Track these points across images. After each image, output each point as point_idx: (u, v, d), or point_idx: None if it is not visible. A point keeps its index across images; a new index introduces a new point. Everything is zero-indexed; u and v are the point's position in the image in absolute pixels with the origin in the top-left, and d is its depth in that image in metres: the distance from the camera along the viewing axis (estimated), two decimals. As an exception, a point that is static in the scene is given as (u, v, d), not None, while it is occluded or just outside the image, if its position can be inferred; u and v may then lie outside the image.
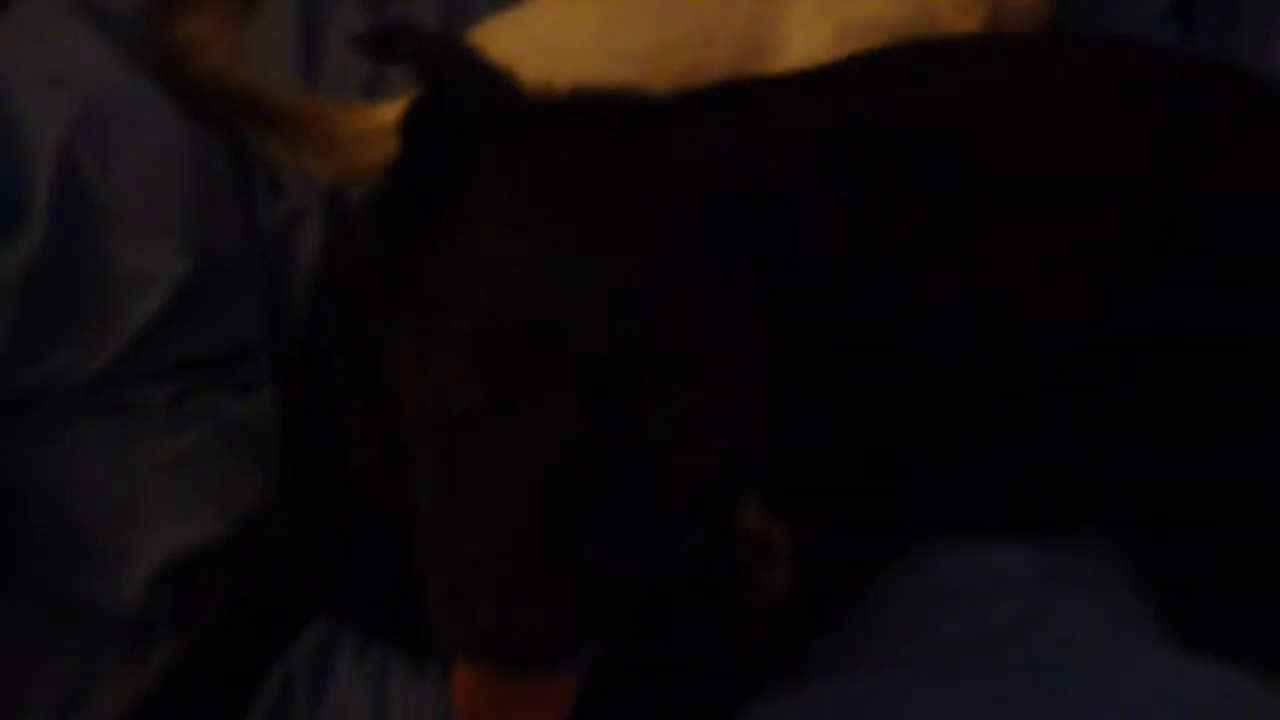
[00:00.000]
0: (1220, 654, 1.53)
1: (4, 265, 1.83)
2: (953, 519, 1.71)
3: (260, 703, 1.61)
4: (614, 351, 1.14)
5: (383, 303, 1.26)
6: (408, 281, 1.24)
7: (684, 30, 1.95)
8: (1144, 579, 1.68)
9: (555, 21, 2.01)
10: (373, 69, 2.09)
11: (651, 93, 1.42)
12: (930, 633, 1.59)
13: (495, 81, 1.32)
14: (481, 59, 1.33)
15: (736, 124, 1.39)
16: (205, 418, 1.86)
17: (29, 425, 1.85)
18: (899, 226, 1.64)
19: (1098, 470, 1.71)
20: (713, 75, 1.89)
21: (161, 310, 1.87)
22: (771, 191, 1.28)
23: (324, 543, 1.52)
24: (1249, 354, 1.65)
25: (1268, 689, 1.47)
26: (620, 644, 1.25)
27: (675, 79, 1.83)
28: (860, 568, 1.65)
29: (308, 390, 1.48)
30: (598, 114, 1.36)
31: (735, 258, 1.26)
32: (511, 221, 1.21)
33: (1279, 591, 1.62)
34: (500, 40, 1.96)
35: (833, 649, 1.58)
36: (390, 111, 1.82)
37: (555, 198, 1.22)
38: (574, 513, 1.11)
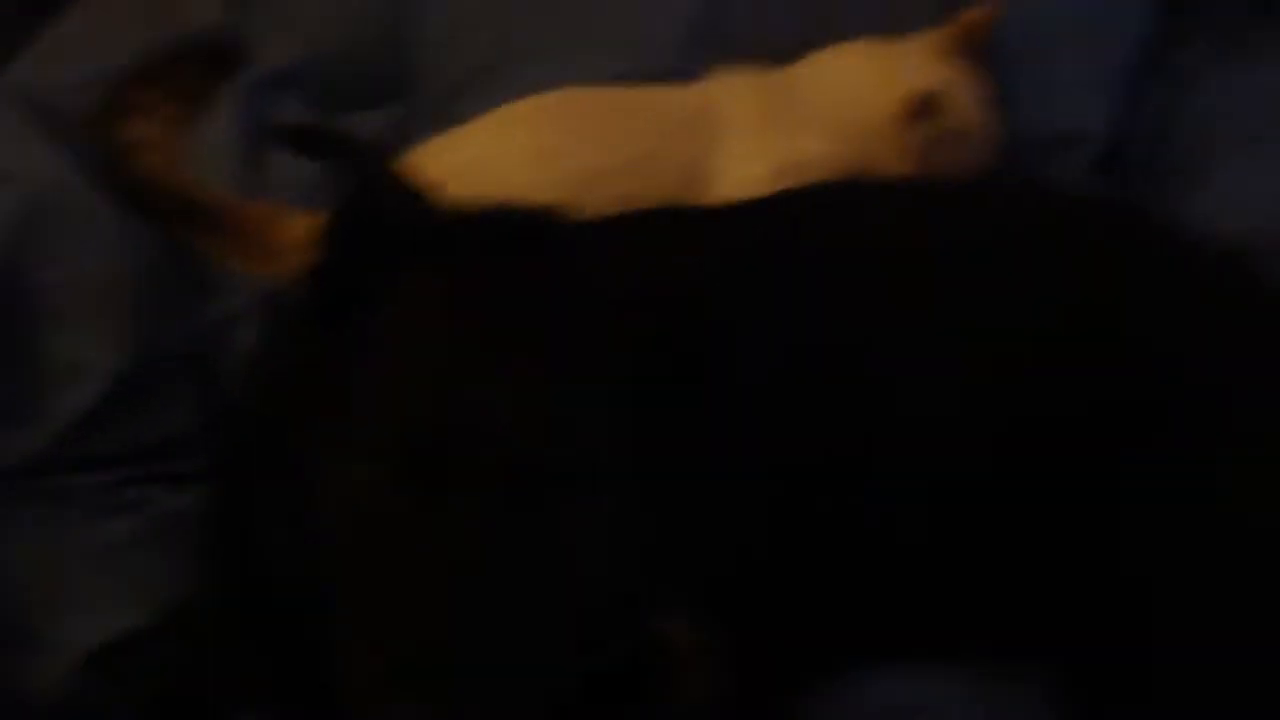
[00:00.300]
0: None
1: None
2: (882, 649, 1.70)
3: None
4: (525, 463, 1.18)
5: (301, 405, 1.29)
6: (325, 385, 1.26)
7: (620, 158, 1.97)
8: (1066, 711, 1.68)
9: (491, 144, 2.02)
10: (310, 178, 2.02)
11: (577, 213, 1.45)
12: None
13: (419, 196, 1.38)
14: (404, 171, 1.39)
15: (658, 248, 1.44)
16: (135, 509, 1.85)
17: None
18: (822, 361, 1.66)
19: (1032, 607, 1.68)
20: (646, 202, 1.86)
21: (96, 401, 1.88)
22: (687, 314, 1.35)
23: (243, 640, 1.52)
24: (1161, 484, 1.62)
25: None
26: None
27: (609, 205, 1.86)
28: (782, 686, 1.65)
29: (232, 487, 1.49)
30: (520, 233, 1.39)
31: (648, 375, 1.30)
32: (428, 336, 1.25)
33: None
34: (438, 161, 1.98)
35: None
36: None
37: (473, 312, 1.26)
38: (495, 613, 1.14)
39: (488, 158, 1.98)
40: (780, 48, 2.09)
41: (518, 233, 1.39)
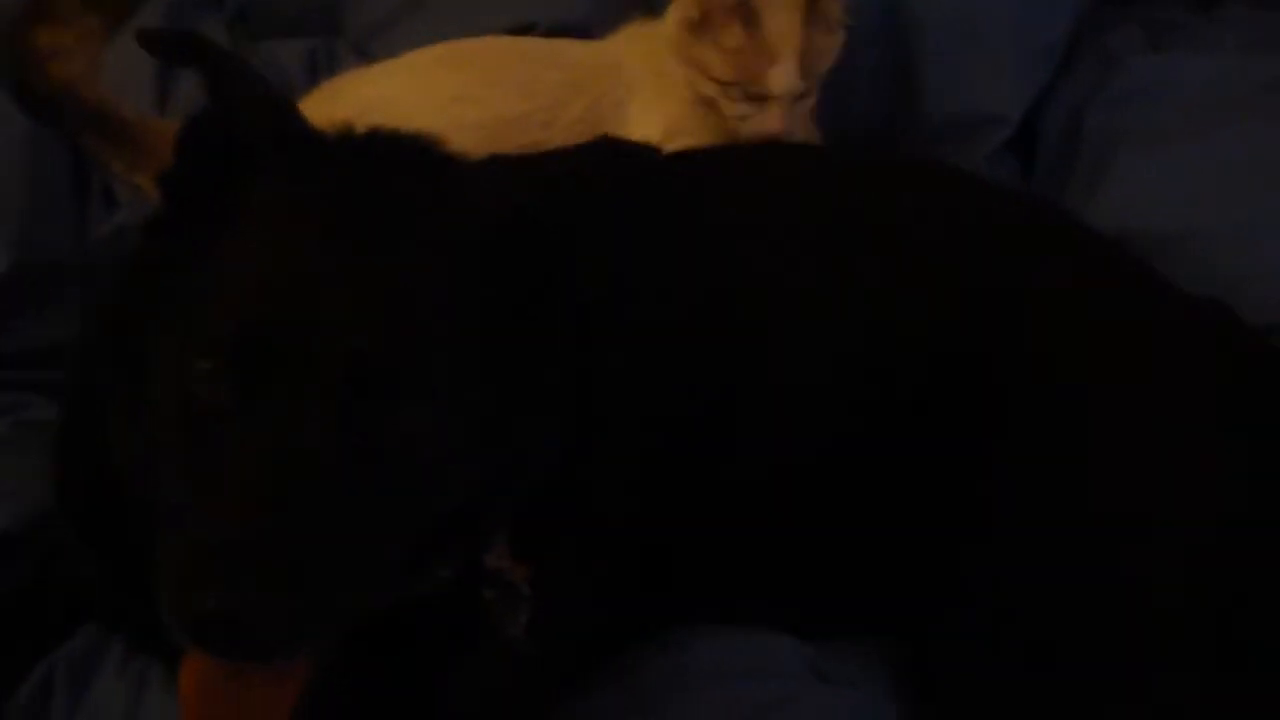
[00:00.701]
0: None
1: None
2: (719, 607, 1.72)
3: (18, 697, 1.60)
4: (358, 357, 1.16)
5: (145, 307, 1.27)
6: (169, 288, 1.24)
7: (530, 108, 1.98)
8: (902, 688, 1.70)
9: (411, 85, 2.03)
10: None
11: (446, 144, 1.43)
12: (677, 708, 1.60)
13: (280, 107, 1.35)
14: (267, 83, 1.37)
15: (521, 174, 1.42)
16: (6, 413, 1.85)
17: None
18: (697, 311, 1.67)
19: (870, 575, 1.72)
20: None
21: None
22: (537, 230, 1.32)
23: (93, 546, 1.51)
24: (1000, 473, 1.66)
25: None
26: (366, 664, 1.32)
27: (519, 151, 1.86)
28: (609, 631, 1.65)
29: (85, 392, 1.48)
30: (382, 150, 1.37)
31: (494, 289, 1.28)
32: (272, 235, 1.24)
33: (1015, 713, 1.62)
34: (357, 93, 2.02)
35: (585, 708, 1.59)
36: None
37: (317, 216, 1.25)
38: (306, 510, 1.11)
39: (407, 98, 1.98)
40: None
41: (380, 153, 1.37)
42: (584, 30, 2.14)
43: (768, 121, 1.95)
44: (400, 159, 1.37)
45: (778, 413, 1.70)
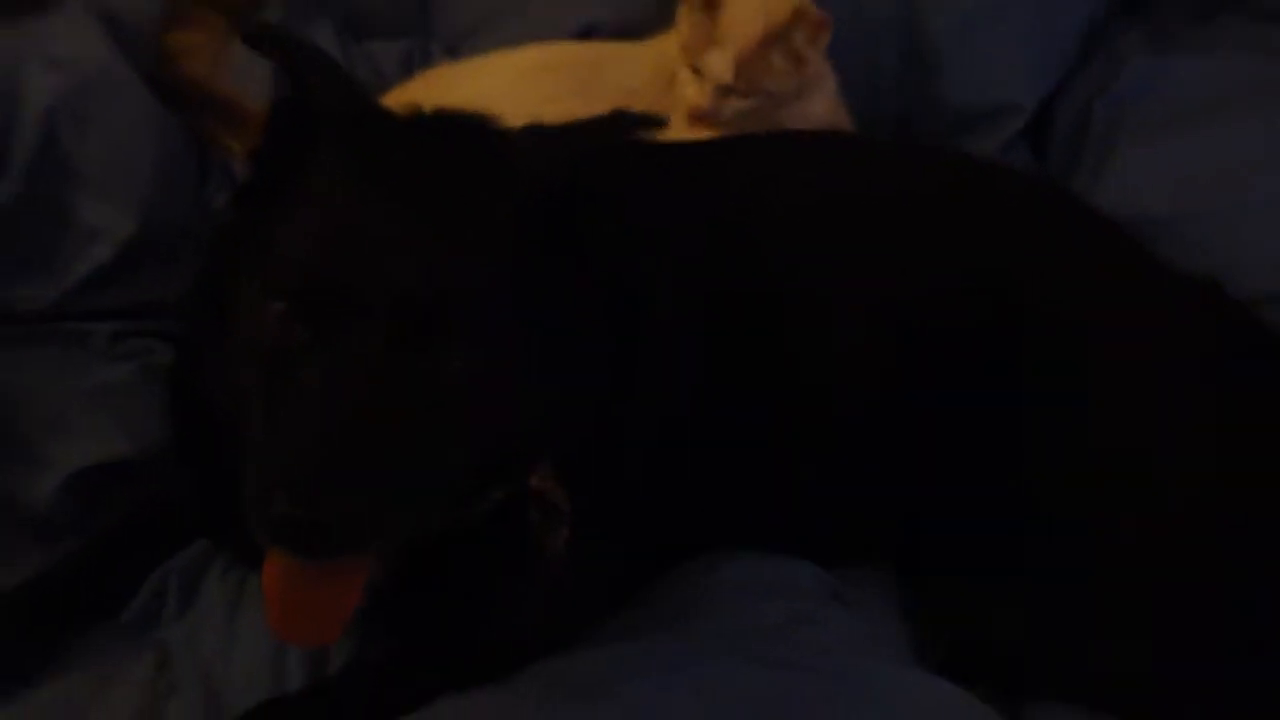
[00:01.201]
0: (961, 677, 1.54)
1: None
2: (746, 534, 1.71)
3: (137, 601, 1.62)
4: (408, 298, 1.18)
5: (233, 263, 1.30)
6: (253, 246, 1.27)
7: (594, 109, 1.95)
8: (911, 611, 1.70)
9: (495, 83, 2.03)
10: None
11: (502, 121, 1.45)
12: (710, 618, 1.59)
13: (350, 89, 1.39)
14: (340, 69, 1.40)
15: (562, 143, 1.38)
16: (132, 357, 1.87)
17: None
18: (735, 266, 1.68)
19: (883, 510, 1.71)
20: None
21: (110, 261, 1.89)
22: (582, 193, 1.34)
23: (199, 473, 1.53)
24: (1004, 424, 1.64)
25: (983, 706, 1.49)
26: (428, 574, 1.35)
27: None
28: (645, 552, 1.65)
29: (190, 339, 1.52)
30: (443, 124, 1.40)
31: (537, 247, 1.30)
32: (339, 196, 1.26)
33: (1017, 639, 1.61)
34: (440, 88, 2.03)
35: (620, 624, 1.59)
36: None
37: (377, 177, 1.28)
38: (369, 428, 1.15)
39: (496, 95, 1.91)
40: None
41: (439, 126, 1.40)
42: (642, 29, 2.13)
43: (696, 95, 1.95)
44: (457, 131, 1.38)
45: (802, 369, 1.69)
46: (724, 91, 1.95)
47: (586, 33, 2.17)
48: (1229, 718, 1.55)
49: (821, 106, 2.05)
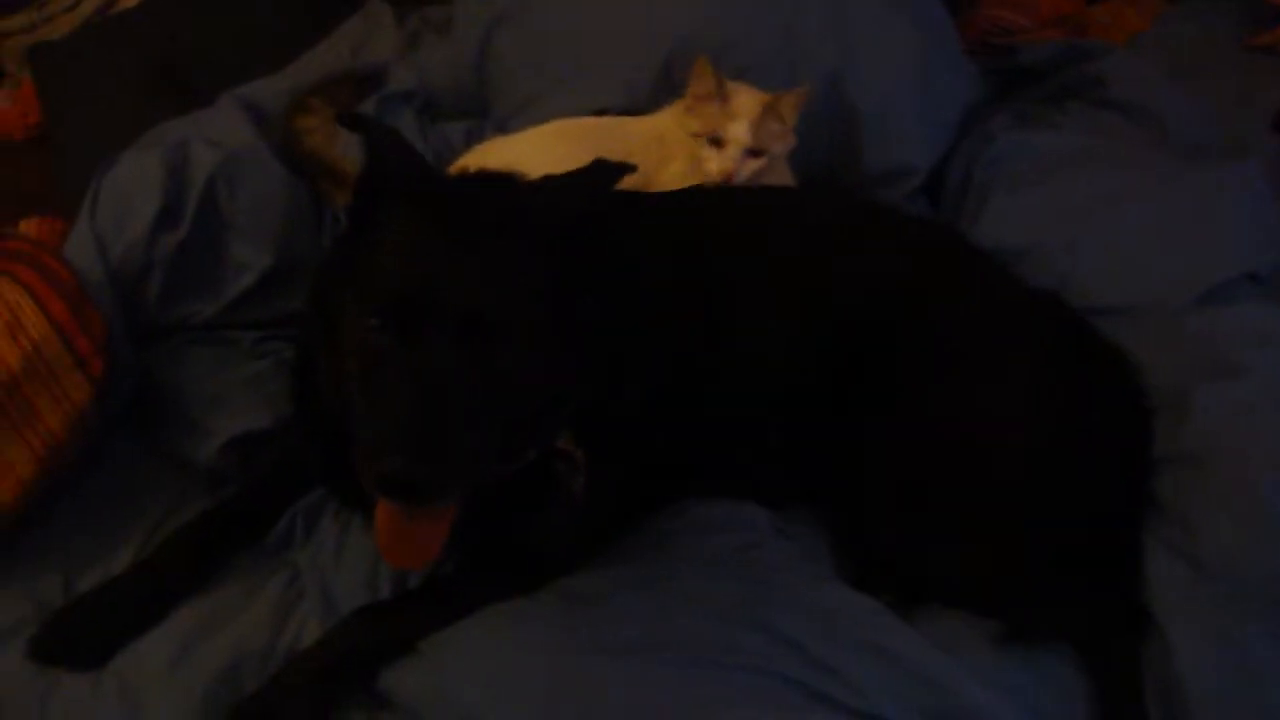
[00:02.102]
0: (870, 589, 1.63)
1: (164, 244, 1.90)
2: (709, 485, 1.77)
3: (275, 530, 1.72)
4: (473, 312, 1.28)
5: (337, 285, 1.39)
6: (351, 272, 1.36)
7: None
8: (833, 540, 1.77)
9: (530, 149, 2.05)
10: None
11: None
12: (680, 550, 1.67)
13: (413, 158, 1.46)
14: (407, 145, 1.48)
15: (569, 192, 1.46)
16: (273, 355, 1.94)
17: (168, 346, 1.93)
18: (699, 283, 1.73)
19: (813, 466, 1.77)
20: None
21: (253, 285, 1.96)
22: (589, 227, 1.42)
23: (315, 440, 1.62)
24: (897, 392, 1.71)
25: (894, 613, 1.58)
26: (485, 511, 1.41)
27: None
28: (637, 497, 1.72)
29: (306, 343, 1.59)
30: (482, 182, 1.48)
31: (558, 268, 1.38)
32: (410, 238, 1.35)
33: (908, 557, 1.69)
34: (492, 155, 2.06)
35: (617, 551, 1.67)
36: None
37: (437, 224, 1.36)
38: (447, 408, 1.25)
39: (527, 158, 1.91)
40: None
41: (480, 181, 1.49)
42: (641, 110, 2.17)
43: (722, 161, 1.97)
44: (493, 186, 1.46)
45: (754, 360, 1.75)
46: (744, 153, 1.97)
47: (600, 112, 2.20)
48: (1045, 609, 1.62)
49: (779, 168, 2.09)
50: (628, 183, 1.94)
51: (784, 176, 2.11)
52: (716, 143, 1.98)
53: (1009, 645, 1.57)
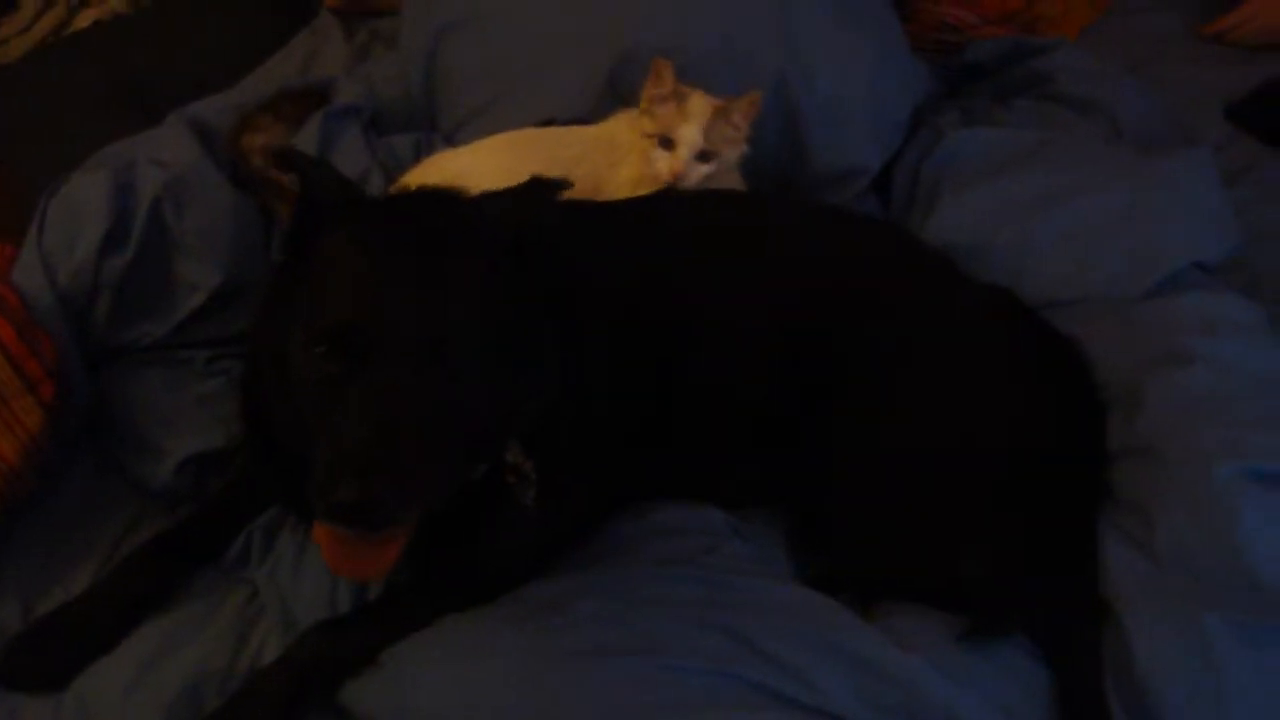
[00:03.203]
0: (828, 588, 1.65)
1: (112, 267, 1.90)
2: (668, 488, 1.79)
3: (232, 548, 1.73)
4: (420, 335, 1.30)
5: (280, 311, 1.41)
6: (293, 301, 1.38)
7: (553, 175, 2.02)
8: (790, 541, 1.79)
9: (477, 162, 2.06)
10: (360, 174, 2.16)
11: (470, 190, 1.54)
12: (638, 553, 1.69)
13: (347, 185, 1.48)
14: (338, 173, 1.50)
15: (521, 205, 1.49)
16: (224, 374, 1.94)
17: (119, 366, 1.93)
18: (649, 291, 1.74)
19: (770, 468, 1.80)
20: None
21: (203, 305, 1.95)
22: (535, 243, 1.44)
23: (267, 459, 1.61)
24: (854, 392, 1.74)
25: (853, 611, 1.60)
26: (438, 522, 1.41)
27: None
28: (594, 504, 1.73)
29: (252, 364, 1.60)
30: (422, 199, 1.50)
31: (507, 286, 1.40)
32: (352, 259, 1.36)
33: (866, 555, 1.72)
34: (444, 167, 2.07)
35: (576, 558, 1.68)
36: None
37: (379, 245, 1.37)
38: (399, 433, 1.26)
39: (475, 170, 1.99)
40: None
41: (425, 198, 1.50)
42: (587, 120, 2.18)
43: (672, 162, 1.98)
44: (434, 202, 1.48)
45: (705, 368, 1.76)
46: (694, 156, 1.98)
47: (546, 123, 2.20)
48: (1005, 603, 1.63)
49: (724, 173, 2.08)
50: (577, 190, 1.99)
51: (734, 182, 2.13)
52: (667, 144, 1.99)
53: (970, 640, 1.58)
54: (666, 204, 1.96)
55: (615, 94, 2.21)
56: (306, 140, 2.20)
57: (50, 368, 1.72)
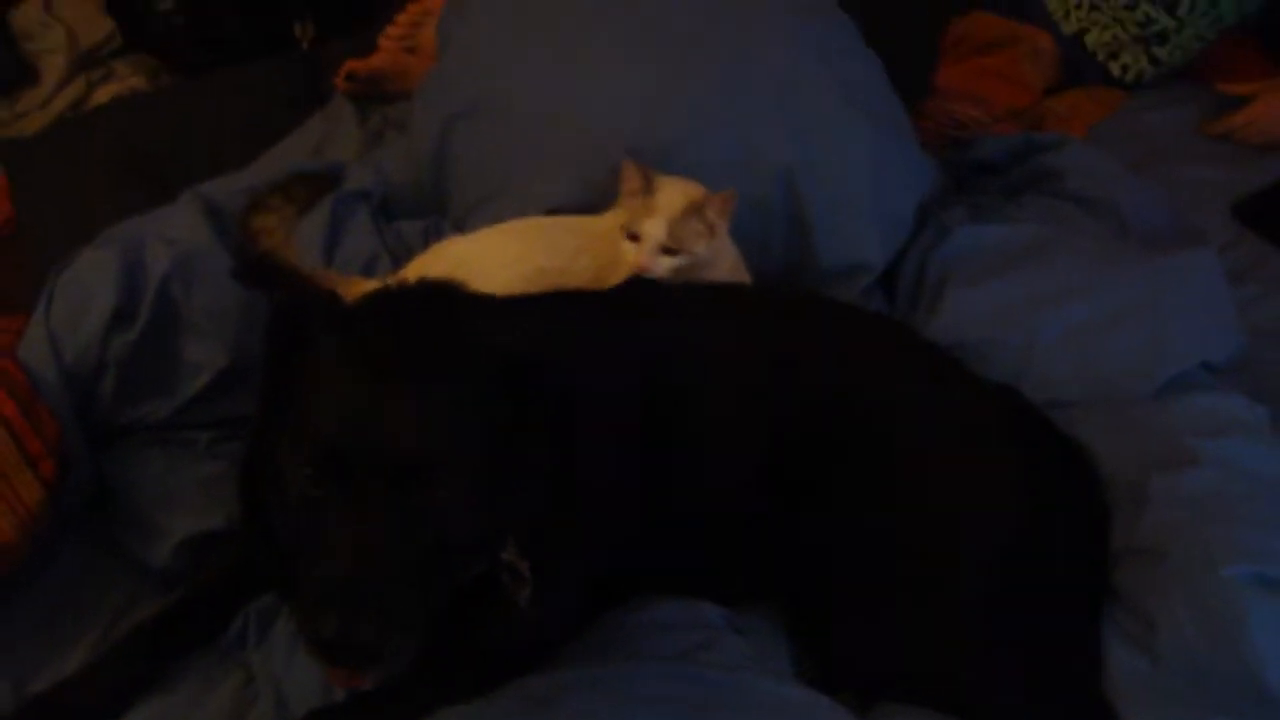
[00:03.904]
0: (827, 687, 1.63)
1: (119, 345, 1.91)
2: (663, 584, 1.76)
3: (228, 632, 1.73)
4: (401, 462, 1.30)
5: (278, 407, 1.41)
6: (283, 412, 1.39)
7: (559, 262, 2.04)
8: (790, 637, 1.77)
9: (484, 249, 2.08)
10: (368, 259, 2.20)
11: (469, 288, 1.54)
12: (636, 646, 1.66)
13: (320, 299, 1.50)
14: (311, 288, 1.51)
15: (510, 318, 1.50)
16: (227, 457, 1.94)
17: (122, 446, 1.94)
18: (644, 390, 1.73)
19: (767, 564, 1.78)
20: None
21: (208, 385, 1.96)
22: (527, 366, 1.42)
23: (263, 548, 1.57)
24: (855, 490, 1.73)
25: (846, 710, 1.58)
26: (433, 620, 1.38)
27: (550, 288, 1.95)
28: (588, 601, 1.72)
29: (251, 455, 1.56)
30: (410, 306, 1.47)
31: (495, 401, 1.39)
32: (335, 378, 1.36)
33: (868, 656, 1.69)
34: (446, 255, 2.09)
35: (571, 651, 1.66)
36: (372, 284, 1.89)
37: (361, 363, 1.36)
38: (384, 563, 1.27)
39: (484, 255, 2.06)
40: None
41: (412, 304, 1.48)
42: (593, 209, 2.16)
43: (637, 255, 1.97)
44: (429, 309, 1.46)
45: (699, 469, 1.75)
46: (659, 250, 1.97)
47: (553, 211, 2.19)
48: (1008, 706, 1.62)
49: (727, 265, 2.09)
50: (579, 279, 2.03)
51: (737, 272, 2.14)
52: (634, 237, 2.00)
53: (970, 744, 1.57)
54: (662, 296, 1.97)
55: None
56: (316, 223, 2.23)
57: (52, 445, 1.73)
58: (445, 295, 1.51)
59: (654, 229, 1.98)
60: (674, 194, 2.02)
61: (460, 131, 2.36)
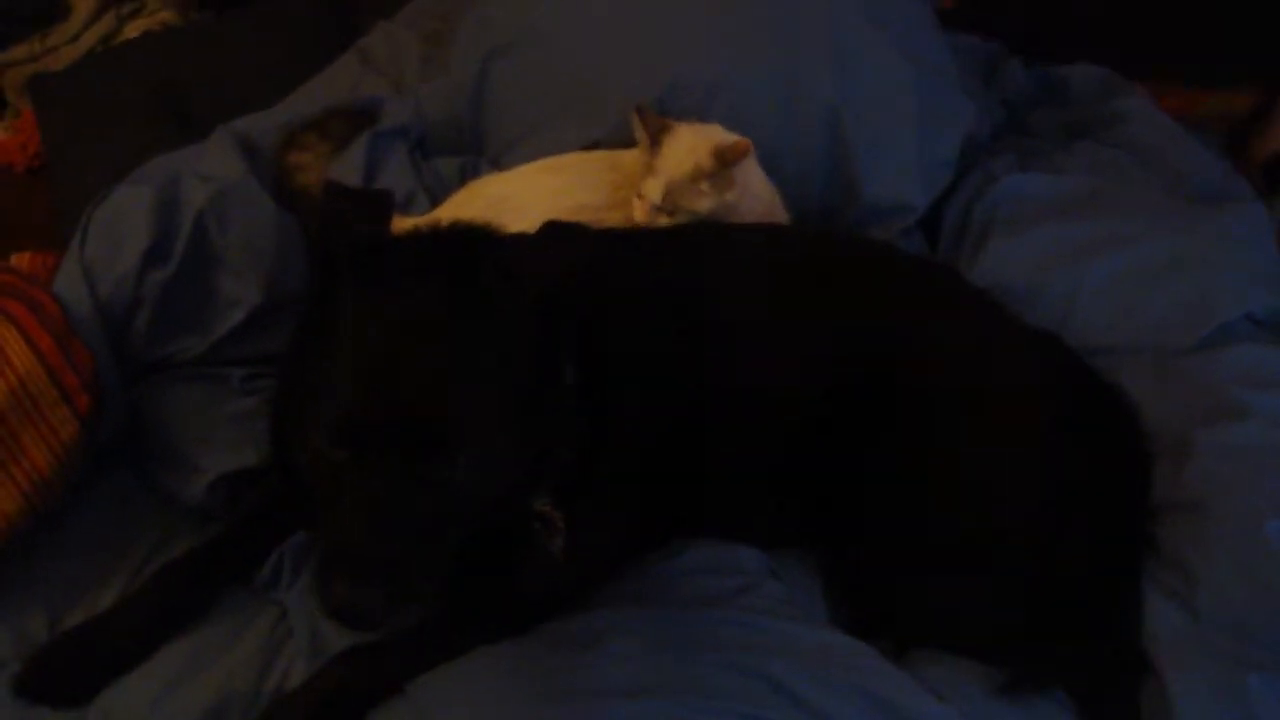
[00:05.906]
0: (863, 634, 1.64)
1: (154, 281, 1.90)
2: (704, 528, 1.77)
3: (263, 568, 1.73)
4: (420, 428, 1.30)
5: (308, 348, 1.41)
6: (308, 368, 1.38)
7: (599, 198, 2.05)
8: (827, 584, 1.77)
9: (525, 185, 2.08)
10: (405, 196, 2.19)
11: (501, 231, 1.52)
12: (674, 590, 1.67)
13: (360, 238, 1.40)
14: (373, 208, 1.44)
15: (553, 256, 1.43)
16: (260, 392, 1.93)
17: (156, 381, 1.93)
18: (684, 330, 1.72)
19: (806, 510, 1.77)
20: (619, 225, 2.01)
21: (243, 322, 1.95)
22: (561, 297, 1.41)
23: (294, 487, 1.57)
24: (895, 436, 1.72)
25: (889, 659, 1.60)
26: (468, 560, 1.41)
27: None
28: (625, 547, 1.72)
29: (282, 394, 1.57)
30: (444, 249, 1.45)
31: (529, 346, 1.39)
32: (359, 332, 1.34)
33: (906, 606, 1.71)
34: (491, 190, 2.10)
35: (609, 594, 1.67)
36: (409, 222, 1.84)
37: (391, 319, 1.35)
38: (399, 530, 1.28)
39: (522, 193, 2.06)
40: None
41: (437, 251, 1.45)
42: (630, 144, 2.13)
43: (637, 212, 2.00)
44: (450, 256, 1.43)
45: (737, 410, 1.74)
46: (656, 210, 1.98)
47: (592, 146, 2.21)
48: (1043, 656, 1.62)
49: (760, 209, 2.08)
50: (618, 214, 2.03)
51: (774, 212, 2.13)
52: (638, 194, 2.01)
53: (1006, 694, 1.58)
54: (706, 236, 1.96)
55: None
56: (352, 161, 2.22)
57: (87, 380, 1.73)
58: (476, 239, 1.50)
59: (651, 190, 1.99)
60: (681, 151, 2.00)
61: (499, 67, 2.36)
